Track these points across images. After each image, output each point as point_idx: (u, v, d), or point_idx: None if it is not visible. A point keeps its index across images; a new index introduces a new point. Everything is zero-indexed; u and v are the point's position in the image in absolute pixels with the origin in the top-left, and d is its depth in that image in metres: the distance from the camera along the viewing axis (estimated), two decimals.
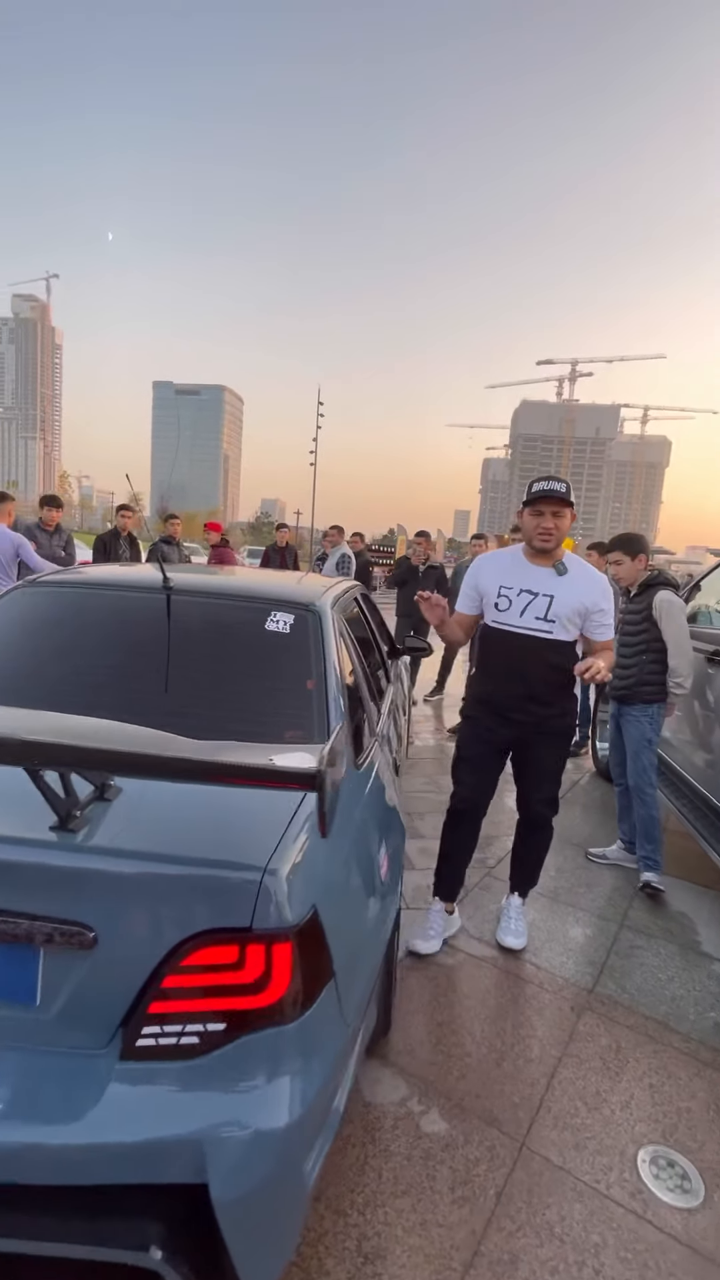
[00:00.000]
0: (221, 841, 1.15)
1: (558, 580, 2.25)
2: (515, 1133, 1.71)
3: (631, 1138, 1.72)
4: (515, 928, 2.54)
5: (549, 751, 2.40)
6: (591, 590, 2.24)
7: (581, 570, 2.29)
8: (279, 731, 1.64)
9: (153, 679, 1.78)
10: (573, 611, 2.22)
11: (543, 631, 2.23)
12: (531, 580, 2.27)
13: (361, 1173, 1.56)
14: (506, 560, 2.36)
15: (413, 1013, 2.12)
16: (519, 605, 2.26)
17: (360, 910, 1.40)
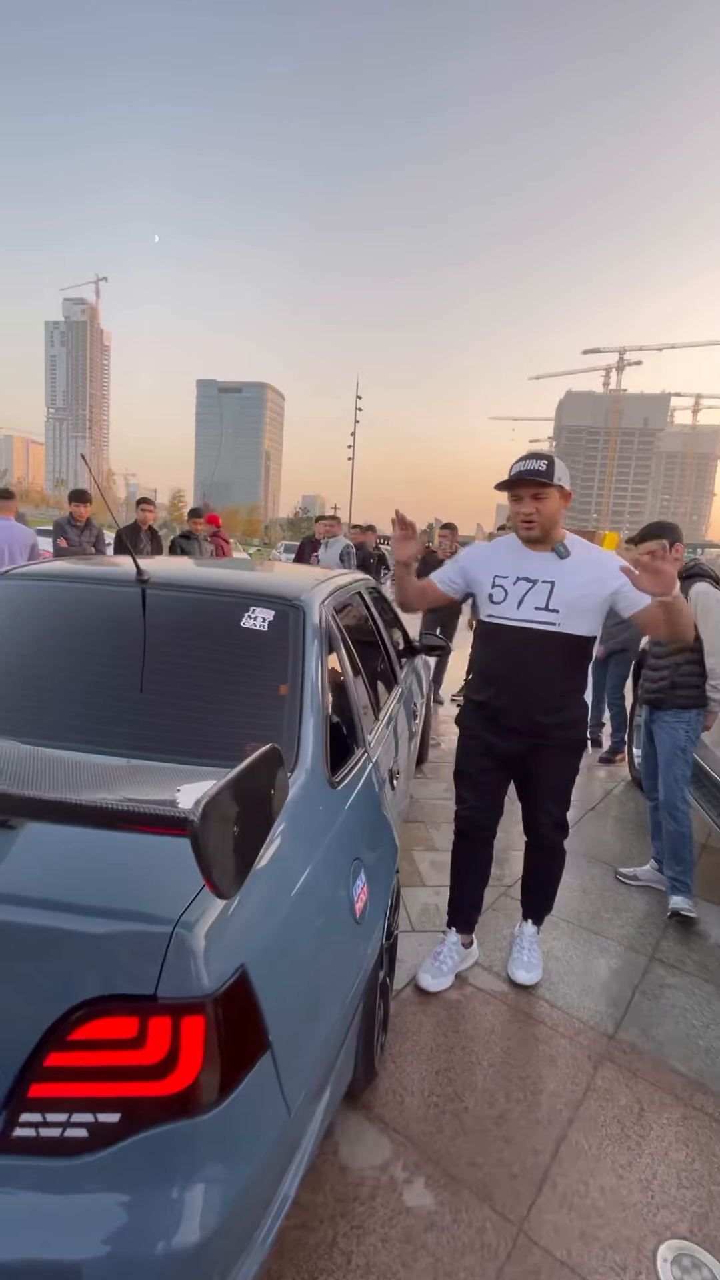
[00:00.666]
0: (126, 886, 0.95)
1: (559, 564, 1.95)
2: (512, 1213, 1.47)
3: (652, 1228, 1.46)
4: (528, 960, 2.26)
5: (556, 767, 2.09)
6: (599, 571, 1.93)
7: (585, 551, 1.99)
8: (239, 744, 1.43)
9: (108, 680, 1.61)
10: (578, 596, 1.92)
11: (545, 623, 1.94)
12: (529, 566, 1.98)
13: (328, 1255, 1.35)
14: (502, 548, 2.09)
15: (407, 1055, 1.90)
16: (516, 595, 1.97)
17: (317, 961, 1.19)
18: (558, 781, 2.12)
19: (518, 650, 1.97)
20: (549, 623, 1.93)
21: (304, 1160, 1.17)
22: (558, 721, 2.01)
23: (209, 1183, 0.88)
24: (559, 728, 2.02)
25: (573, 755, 2.10)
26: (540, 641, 1.94)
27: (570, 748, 2.08)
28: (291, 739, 1.45)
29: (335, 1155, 1.58)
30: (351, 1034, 1.46)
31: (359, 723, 1.88)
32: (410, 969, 2.27)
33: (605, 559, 1.97)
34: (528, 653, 1.96)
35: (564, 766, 2.10)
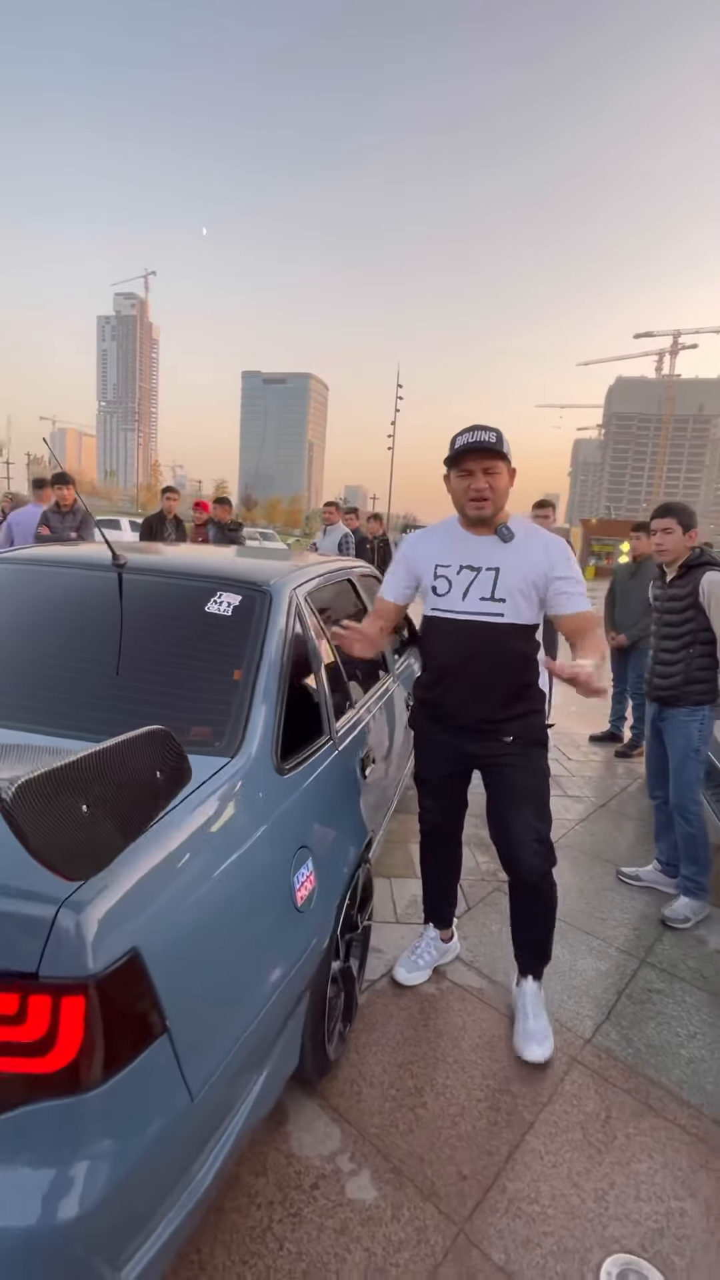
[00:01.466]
0: (17, 865, 0.95)
1: (503, 549, 1.80)
2: (456, 1214, 1.43)
3: (600, 1240, 1.40)
4: (535, 1028, 1.89)
5: (520, 770, 1.88)
6: (546, 553, 1.79)
7: (530, 532, 1.84)
8: (184, 728, 1.43)
9: (63, 661, 1.63)
10: (525, 584, 1.77)
11: (492, 615, 1.79)
12: (472, 553, 1.83)
13: (261, 1240, 1.35)
14: (441, 533, 1.93)
15: (372, 1046, 1.88)
16: (460, 585, 1.82)
17: (235, 948, 1.17)
18: (527, 785, 1.89)
19: (465, 645, 1.83)
20: (495, 614, 1.79)
21: (227, 1143, 1.17)
22: (512, 717, 1.86)
23: (93, 1159, 0.88)
24: (514, 724, 1.87)
25: (536, 753, 1.92)
26: (488, 634, 1.80)
27: (530, 744, 1.90)
28: (238, 724, 1.44)
29: (285, 1142, 1.57)
30: (294, 1022, 1.44)
31: (326, 711, 1.85)
32: (390, 960, 2.25)
33: (551, 543, 1.83)
34: (475, 647, 1.81)
35: (529, 766, 1.89)
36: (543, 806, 1.91)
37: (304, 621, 1.89)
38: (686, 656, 2.64)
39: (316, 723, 1.79)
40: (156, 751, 0.89)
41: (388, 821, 2.70)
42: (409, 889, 2.72)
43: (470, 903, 2.66)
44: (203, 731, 1.43)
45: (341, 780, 1.80)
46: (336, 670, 2.08)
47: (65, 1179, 0.86)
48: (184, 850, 1.10)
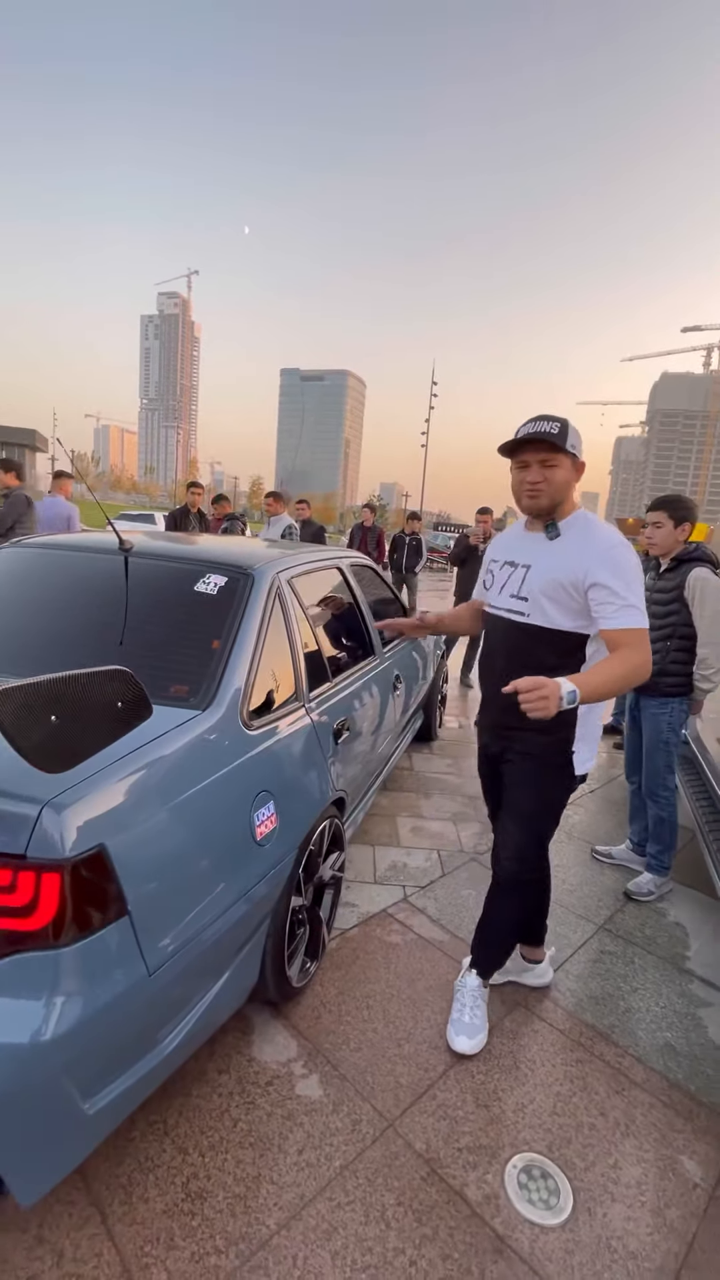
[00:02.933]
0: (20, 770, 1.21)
1: (543, 546, 1.71)
2: (388, 1112, 1.65)
3: (512, 1141, 1.61)
4: (470, 1020, 1.88)
5: (524, 785, 1.80)
6: (584, 555, 1.60)
7: (582, 531, 1.67)
8: (166, 685, 1.69)
9: (75, 627, 1.92)
10: (551, 584, 1.63)
11: (515, 613, 1.73)
12: (519, 548, 1.79)
13: (219, 1119, 1.60)
14: (514, 532, 1.89)
15: (337, 981, 2.11)
16: (500, 580, 1.81)
17: (192, 863, 1.41)
18: (519, 797, 1.81)
19: (494, 641, 1.83)
20: (519, 612, 1.73)
21: (189, 1023, 1.42)
22: (526, 730, 1.71)
23: (67, 997, 1.13)
24: (527, 738, 1.76)
25: (542, 774, 1.77)
26: (511, 633, 1.75)
27: (539, 764, 1.76)
28: (212, 683, 1.69)
29: (249, 1048, 1.82)
30: (254, 941, 1.69)
31: (301, 681, 2.09)
32: (364, 914, 2.47)
33: (599, 542, 1.62)
34: (502, 645, 1.79)
35: (527, 782, 1.79)
36: (535, 825, 1.82)
37: (284, 602, 2.13)
38: (664, 649, 2.77)
39: (290, 690, 2.03)
40: (118, 686, 1.13)
41: (373, 791, 2.92)
42: (389, 856, 2.94)
43: (446, 870, 2.86)
44: (181, 689, 1.68)
45: (310, 742, 2.03)
46: (317, 647, 2.31)
47: (45, 1010, 1.11)
48: (151, 777, 1.34)
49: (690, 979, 2.29)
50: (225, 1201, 1.41)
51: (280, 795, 1.77)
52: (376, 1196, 1.45)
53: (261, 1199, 1.42)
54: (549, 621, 1.67)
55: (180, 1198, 1.41)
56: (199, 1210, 1.39)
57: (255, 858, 1.62)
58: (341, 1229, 1.37)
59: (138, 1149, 1.51)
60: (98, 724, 1.09)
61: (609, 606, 1.57)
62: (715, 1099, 1.78)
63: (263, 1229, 1.36)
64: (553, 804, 1.83)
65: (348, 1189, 1.46)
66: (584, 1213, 1.45)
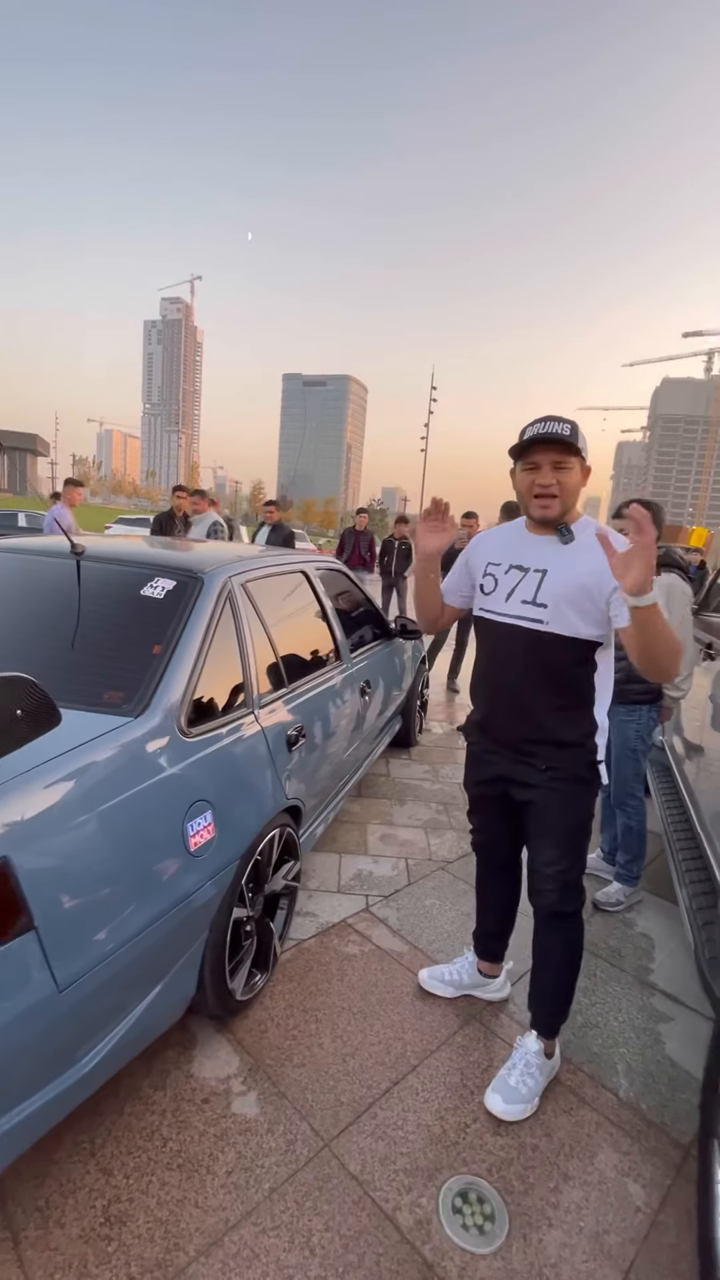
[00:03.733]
0: None
1: (558, 550, 1.61)
2: (326, 1132, 1.61)
3: (450, 1163, 1.56)
4: (514, 1084, 1.71)
5: (554, 804, 1.68)
6: (604, 556, 1.45)
7: (595, 535, 1.54)
8: (99, 690, 1.65)
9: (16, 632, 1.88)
10: (575, 590, 1.55)
11: (532, 621, 1.60)
12: (526, 552, 1.67)
13: (149, 1139, 1.55)
14: (506, 532, 1.78)
15: (287, 994, 2.06)
16: (506, 585, 1.67)
17: (116, 874, 1.37)
18: (556, 822, 1.70)
19: (504, 652, 1.68)
20: (536, 620, 1.60)
21: (112, 1041, 1.37)
22: (548, 745, 1.65)
23: None
24: (550, 754, 1.66)
25: (573, 791, 1.67)
26: (528, 643, 1.61)
27: (568, 780, 1.66)
28: (147, 690, 1.65)
29: (188, 1064, 1.77)
30: (191, 954, 1.64)
31: (251, 688, 2.05)
32: (323, 924, 2.43)
33: (622, 541, 1.48)
34: (514, 656, 1.65)
35: (562, 805, 1.68)
36: (570, 844, 1.71)
37: (236, 607, 2.09)
38: None
39: (238, 697, 1.99)
40: (14, 694, 1.09)
41: (340, 799, 2.88)
42: (355, 864, 2.89)
43: (412, 879, 2.81)
44: (116, 695, 1.64)
45: (258, 750, 1.99)
46: (273, 653, 2.28)
47: None
48: (66, 788, 1.30)
49: (652, 992, 2.24)
50: (145, 1226, 1.36)
51: (220, 804, 1.73)
52: (304, 1221, 1.40)
53: (184, 1224, 1.37)
54: (571, 629, 1.56)
55: (99, 1222, 1.36)
56: (117, 1236, 1.34)
57: (188, 869, 1.58)
58: (263, 1256, 1.32)
59: (61, 1170, 1.46)
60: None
61: (624, 606, 1.45)
62: (666, 1118, 1.73)
63: (181, 1256, 1.31)
64: (589, 820, 1.72)
65: (275, 1213, 1.41)
66: (519, 1239, 1.40)
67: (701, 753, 2.65)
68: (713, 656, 2.69)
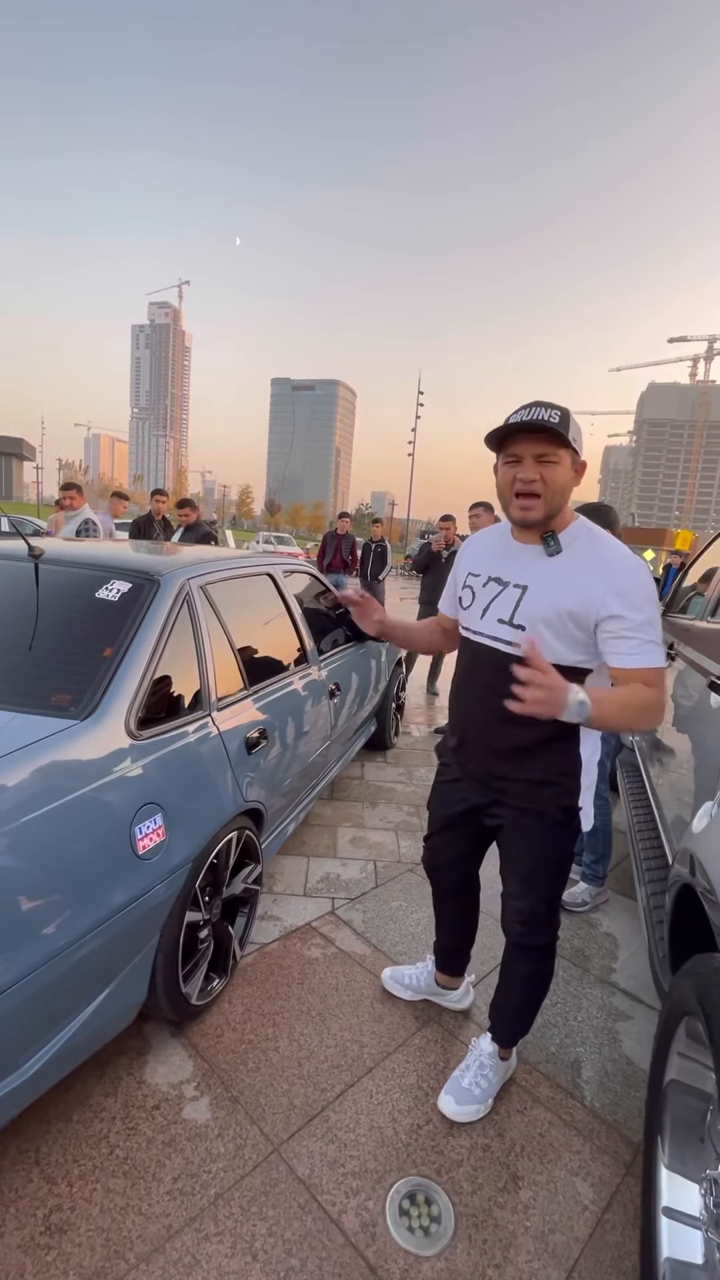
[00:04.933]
0: None
1: (542, 564, 1.41)
2: (276, 1136, 1.60)
3: (400, 1165, 1.55)
4: (468, 1085, 1.70)
5: (522, 836, 1.56)
6: (595, 580, 1.33)
7: (589, 547, 1.39)
8: (46, 692, 1.64)
9: None
10: (556, 613, 1.36)
11: (505, 643, 1.43)
12: (506, 563, 1.47)
13: (95, 1146, 1.53)
14: (493, 536, 1.58)
15: (245, 998, 2.05)
16: (482, 600, 1.49)
17: (55, 876, 1.35)
18: (522, 855, 1.58)
19: (478, 674, 1.52)
20: (511, 642, 1.42)
21: (57, 1046, 1.36)
22: (520, 783, 1.51)
23: None
24: (524, 785, 1.51)
25: (548, 827, 1.52)
26: (501, 667, 1.40)
27: (542, 815, 1.51)
28: (96, 692, 1.64)
29: (140, 1070, 1.76)
30: (140, 959, 1.63)
31: (208, 691, 2.04)
32: (286, 928, 2.42)
33: (614, 566, 1.35)
34: (487, 680, 1.47)
35: (530, 839, 1.55)
36: (534, 881, 1.59)
37: (194, 609, 2.09)
38: None
39: (195, 699, 1.98)
40: None
41: (309, 802, 2.88)
42: (324, 867, 2.88)
43: (380, 881, 2.81)
44: (63, 698, 1.63)
45: (215, 753, 1.98)
46: (234, 655, 2.27)
47: None
48: (5, 790, 1.29)
49: (613, 991, 2.24)
50: (86, 1234, 1.35)
51: (171, 807, 1.71)
52: (248, 1226, 1.39)
53: (125, 1231, 1.36)
54: (552, 655, 1.35)
55: (39, 1231, 1.34)
56: (57, 1245, 1.32)
57: (135, 873, 1.57)
58: (205, 1262, 1.31)
59: (3, 1179, 1.44)
60: None
61: (627, 642, 1.31)
62: (618, 1116, 1.74)
63: (121, 1264, 1.30)
64: (561, 863, 1.58)
65: (219, 1219, 1.40)
66: (464, 1240, 1.40)
67: (664, 752, 2.67)
68: (673, 657, 2.71)
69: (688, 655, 2.49)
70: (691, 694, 2.33)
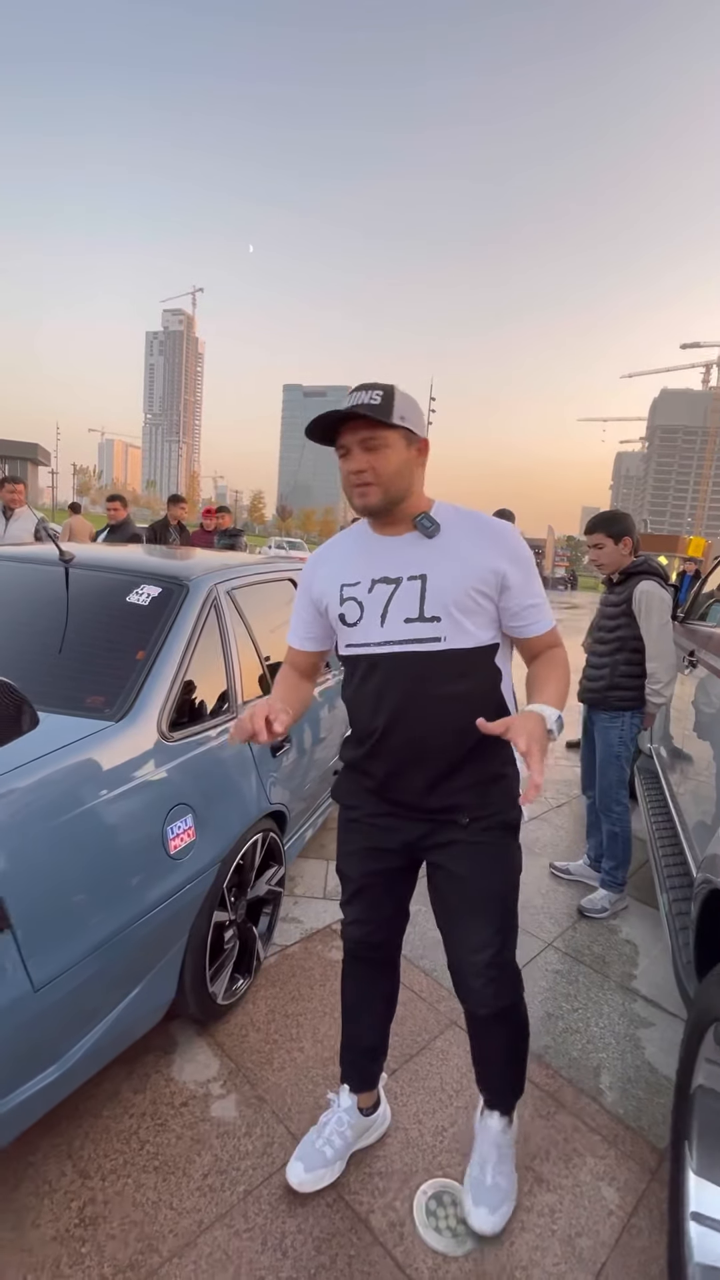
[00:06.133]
0: None
1: (427, 547, 1.28)
2: (302, 1134, 1.61)
3: (426, 1166, 1.57)
4: (492, 1182, 1.44)
5: (479, 865, 1.34)
6: (489, 550, 1.26)
7: (464, 519, 1.30)
8: (82, 695, 1.68)
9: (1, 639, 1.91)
10: (466, 591, 1.25)
11: (425, 641, 1.26)
12: (386, 560, 1.31)
13: (126, 1141, 1.56)
14: (347, 542, 1.40)
15: (269, 999, 2.07)
16: (375, 607, 1.30)
17: (92, 875, 1.39)
18: (485, 889, 1.35)
19: (394, 690, 1.29)
20: (430, 638, 1.26)
21: (92, 1039, 1.39)
22: (472, 790, 1.33)
23: None
24: (476, 798, 1.33)
25: (501, 843, 1.36)
26: (425, 670, 1.27)
27: (495, 826, 1.34)
28: (130, 695, 1.68)
29: (169, 1068, 1.78)
30: (170, 957, 1.66)
31: (235, 694, 2.08)
32: (307, 930, 2.44)
33: (499, 533, 1.29)
34: (408, 691, 1.28)
35: (490, 864, 1.35)
36: (505, 917, 1.38)
37: (221, 614, 2.13)
38: (613, 662, 2.76)
39: (223, 703, 2.02)
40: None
41: (327, 805, 2.90)
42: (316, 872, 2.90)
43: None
44: (97, 700, 1.67)
45: (242, 755, 2.01)
46: (260, 660, 2.30)
47: None
48: (46, 790, 1.33)
49: (634, 998, 2.24)
50: (119, 1228, 1.37)
51: (201, 808, 1.75)
52: (278, 1224, 1.41)
53: (158, 1225, 1.38)
54: (469, 639, 1.27)
55: (74, 1223, 1.37)
56: (91, 1237, 1.35)
57: (167, 872, 1.60)
58: (236, 1258, 1.33)
59: (37, 1172, 1.47)
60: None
61: (533, 609, 1.30)
62: (643, 1123, 1.74)
63: (154, 1257, 1.32)
64: (517, 881, 1.41)
65: (249, 1215, 1.42)
66: (491, 1241, 1.41)
67: (684, 759, 2.67)
68: (695, 664, 2.71)
69: (709, 663, 2.50)
70: (714, 701, 2.33)
